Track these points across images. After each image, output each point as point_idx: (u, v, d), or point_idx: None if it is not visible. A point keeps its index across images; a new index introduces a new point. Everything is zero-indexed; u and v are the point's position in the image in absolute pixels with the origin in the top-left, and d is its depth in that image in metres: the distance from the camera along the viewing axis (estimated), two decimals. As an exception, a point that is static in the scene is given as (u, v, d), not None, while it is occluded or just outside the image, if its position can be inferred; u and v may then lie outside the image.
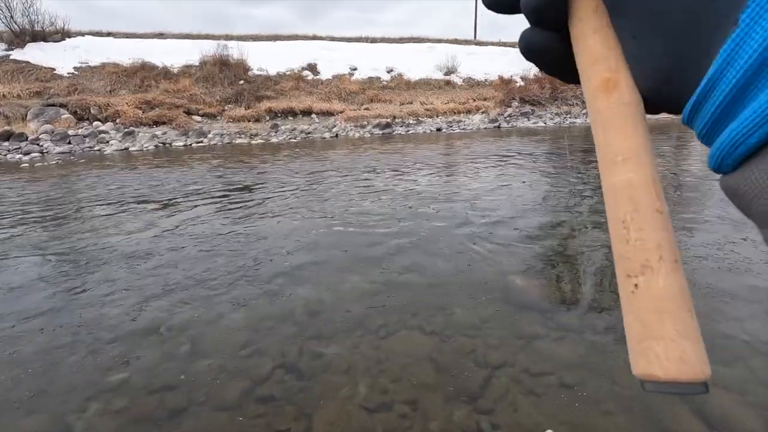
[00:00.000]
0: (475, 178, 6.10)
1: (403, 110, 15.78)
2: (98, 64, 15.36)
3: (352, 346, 2.14)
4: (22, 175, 7.56)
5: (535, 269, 2.97)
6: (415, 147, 10.18)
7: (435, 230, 3.86)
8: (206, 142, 12.09)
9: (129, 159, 9.58)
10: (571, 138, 11.49)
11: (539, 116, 16.57)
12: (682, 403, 1.69)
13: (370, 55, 19.57)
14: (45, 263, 3.39)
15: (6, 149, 10.39)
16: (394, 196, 5.19)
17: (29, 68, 14.42)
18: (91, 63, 15.36)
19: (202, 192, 5.71)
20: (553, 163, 7.46)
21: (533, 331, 2.21)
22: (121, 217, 4.60)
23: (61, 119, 12.20)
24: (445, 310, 2.46)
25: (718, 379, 1.82)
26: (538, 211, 4.40)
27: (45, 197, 5.76)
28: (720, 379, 1.82)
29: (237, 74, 16.17)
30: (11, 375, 2.01)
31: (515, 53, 21.66)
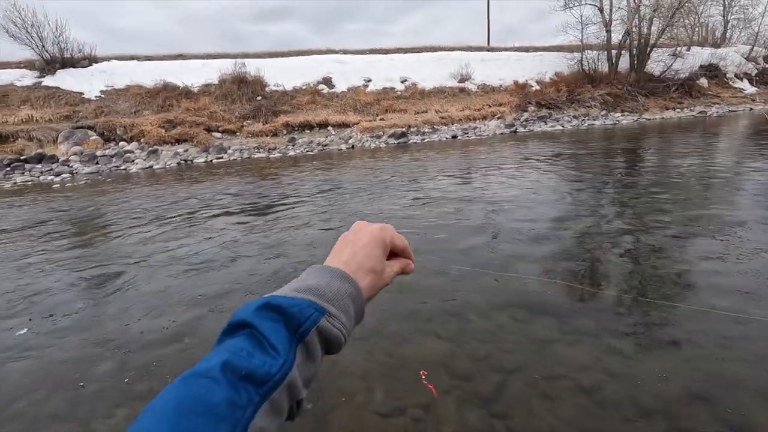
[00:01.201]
0: (490, 182, 6.07)
1: (418, 119, 15.85)
2: (123, 86, 16.01)
3: (367, 352, 2.16)
4: (53, 195, 7.92)
5: (551, 273, 2.94)
6: (429, 155, 10.21)
7: (449, 235, 3.86)
8: (226, 157, 12.40)
9: (153, 177, 9.92)
10: (590, 140, 11.31)
11: (556, 120, 16.38)
12: (704, 408, 1.65)
13: (383, 66, 19.79)
14: (76, 275, 3.54)
15: (39, 171, 10.91)
16: (409, 201, 5.21)
17: (59, 93, 15.14)
18: (116, 86, 16.02)
19: (224, 205, 5.86)
20: (571, 166, 7.36)
21: (548, 334, 2.19)
22: (147, 230, 4.77)
23: (89, 141, 12.74)
24: (459, 315, 2.46)
25: (747, 383, 1.77)
26: (555, 214, 4.35)
27: (73, 215, 6.02)
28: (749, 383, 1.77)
29: (254, 91, 16.58)
30: (43, 382, 2.11)
31: (530, 58, 21.55)
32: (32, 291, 3.29)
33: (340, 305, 0.44)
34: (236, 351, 0.37)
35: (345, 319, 0.44)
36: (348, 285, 0.47)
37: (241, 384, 0.35)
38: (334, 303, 0.44)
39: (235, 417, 0.33)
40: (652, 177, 6.00)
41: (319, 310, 0.42)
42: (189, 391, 0.33)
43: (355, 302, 0.47)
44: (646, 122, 16.12)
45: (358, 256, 0.51)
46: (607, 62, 19.52)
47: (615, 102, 17.91)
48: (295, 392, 0.39)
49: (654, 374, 1.82)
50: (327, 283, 0.45)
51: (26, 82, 15.60)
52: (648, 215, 4.08)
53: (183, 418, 0.31)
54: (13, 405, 1.96)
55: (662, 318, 2.29)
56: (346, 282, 0.47)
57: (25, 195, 8.26)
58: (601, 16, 19.18)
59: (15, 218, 6.02)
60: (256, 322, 0.40)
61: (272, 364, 0.37)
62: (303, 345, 0.40)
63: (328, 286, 0.45)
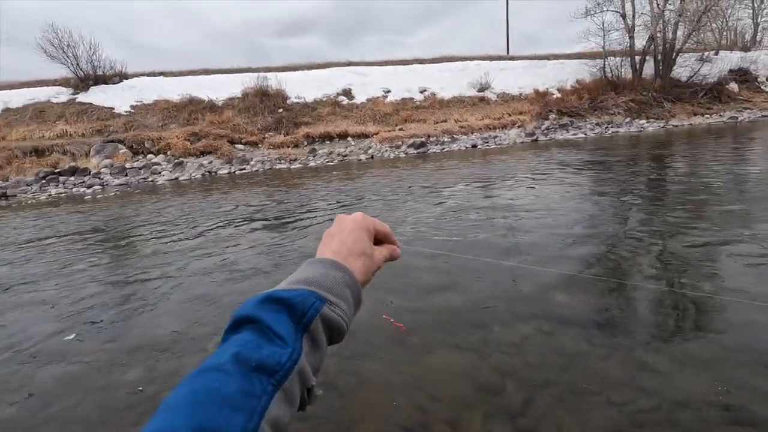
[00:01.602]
0: (513, 190, 5.99)
1: (438, 129, 15.85)
2: (151, 101, 16.61)
3: (390, 364, 2.14)
4: (85, 207, 8.23)
5: (578, 284, 2.86)
6: (450, 164, 10.17)
7: (472, 245, 3.82)
8: (249, 169, 12.66)
9: (179, 188, 10.20)
10: (614, 147, 11.06)
11: (578, 127, 16.11)
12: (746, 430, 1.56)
13: (402, 76, 19.93)
14: (117, 283, 3.65)
15: (72, 183, 11.37)
16: (430, 212, 5.19)
17: (92, 109, 15.82)
18: (145, 101, 16.63)
19: (251, 214, 5.96)
20: (596, 173, 7.21)
21: (577, 348, 2.12)
22: (180, 240, 4.88)
23: (119, 154, 13.22)
24: (483, 326, 2.41)
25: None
26: (581, 223, 4.25)
27: (108, 225, 6.23)
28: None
29: (276, 103, 16.94)
30: (72, 389, 2.16)
31: (550, 66, 21.34)
32: (79, 297, 3.40)
33: (339, 293, 0.46)
34: (244, 344, 0.38)
35: (345, 306, 0.46)
36: (342, 273, 0.48)
37: (253, 374, 0.36)
38: (333, 292, 0.45)
39: (251, 406, 0.34)
40: (681, 183, 5.81)
41: (321, 299, 0.43)
42: (202, 384, 0.34)
43: (352, 289, 0.48)
44: (673, 129, 15.68)
45: (347, 243, 0.53)
46: (630, 69, 19.15)
47: (640, 109, 17.51)
48: (305, 380, 0.40)
49: (692, 393, 1.74)
50: (323, 273, 0.47)
51: (62, 99, 16.36)
52: (679, 223, 3.95)
53: (199, 409, 0.32)
54: (47, 409, 2.02)
55: (698, 333, 2.20)
56: (340, 271, 0.48)
57: (60, 206, 8.60)
58: (624, 23, 18.88)
59: (54, 229, 6.27)
60: (260, 315, 0.40)
61: (281, 354, 0.38)
62: (308, 334, 0.41)
63: (325, 276, 0.46)
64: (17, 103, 15.90)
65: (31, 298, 3.50)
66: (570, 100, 17.81)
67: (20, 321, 3.06)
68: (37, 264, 4.46)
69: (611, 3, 18.90)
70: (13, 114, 15.33)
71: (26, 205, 9.34)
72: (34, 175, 11.66)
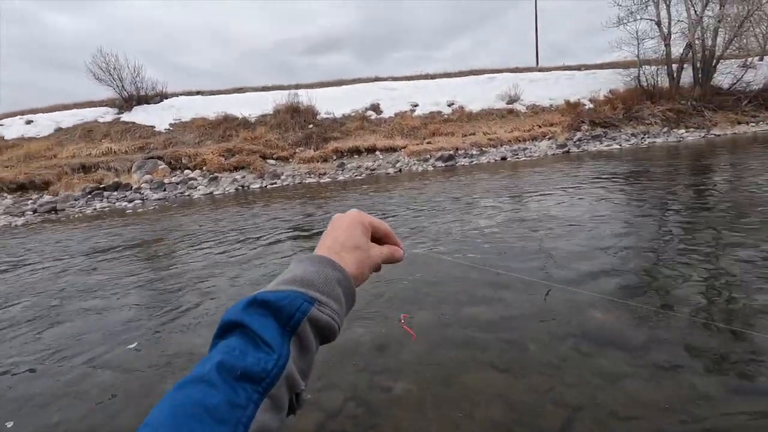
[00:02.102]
0: (545, 204, 5.85)
1: (466, 141, 15.77)
2: (189, 119, 17.39)
3: (421, 381, 2.10)
4: (127, 220, 8.64)
5: (617, 302, 2.74)
6: (480, 176, 10.07)
7: (504, 260, 3.74)
8: (279, 183, 12.96)
9: (213, 201, 10.55)
10: (651, 158, 10.66)
11: (613, 138, 15.64)
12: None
13: (430, 90, 20.05)
14: (144, 292, 3.79)
15: (115, 198, 11.97)
16: (460, 224, 5.13)
17: (135, 127, 16.71)
18: (183, 119, 17.43)
19: (289, 226, 6.09)
20: (635, 185, 6.95)
21: (618, 369, 2.02)
22: (223, 251, 5.04)
23: (158, 170, 13.85)
24: (517, 345, 2.34)
25: None
26: (619, 239, 4.09)
27: (150, 237, 6.50)
28: None
29: (306, 119, 17.37)
30: (125, 395, 2.24)
31: (582, 76, 20.94)
32: (138, 306, 3.55)
33: (329, 292, 0.44)
34: (229, 351, 0.37)
35: (335, 305, 0.44)
36: (334, 271, 0.46)
37: (238, 384, 0.35)
38: (323, 291, 0.44)
39: (236, 417, 0.33)
40: (728, 196, 5.51)
41: (308, 300, 0.42)
42: (185, 398, 0.33)
43: (344, 286, 0.46)
44: (715, 138, 14.97)
45: (340, 238, 0.51)
46: (667, 77, 18.52)
47: (678, 118, 16.84)
48: (294, 385, 0.39)
49: (747, 421, 1.62)
50: (313, 271, 0.45)
51: (107, 119, 17.38)
52: (730, 242, 3.73)
53: (181, 424, 0.31)
54: (88, 418, 2.09)
55: (752, 353, 2.05)
56: (331, 268, 0.46)
57: (104, 220, 9.06)
58: (659, 31, 18.34)
59: (104, 241, 6.61)
60: (246, 320, 0.39)
61: (267, 360, 0.37)
62: (296, 337, 0.40)
63: (315, 274, 0.45)
64: (68, 123, 17.01)
65: (94, 305, 3.67)
66: (603, 110, 17.36)
67: (87, 328, 3.21)
68: (95, 274, 4.69)
69: (645, 11, 18.44)
70: (64, 133, 16.39)
71: (74, 218, 9.89)
72: (81, 190, 12.36)
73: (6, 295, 4.26)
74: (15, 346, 3.01)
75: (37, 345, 3.00)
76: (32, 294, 4.19)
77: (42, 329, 3.27)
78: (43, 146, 15.20)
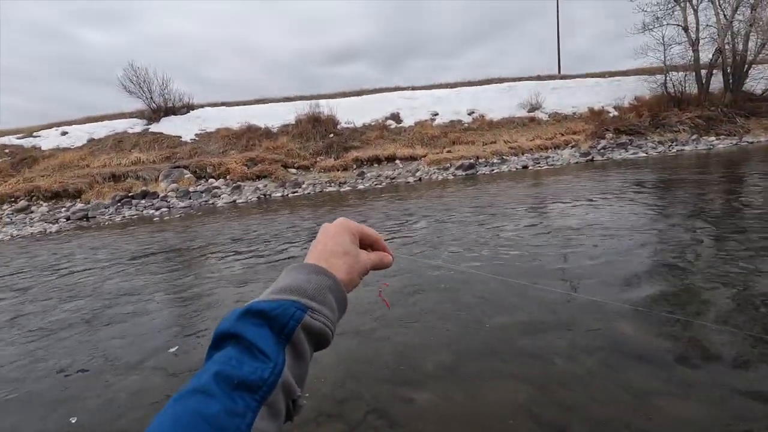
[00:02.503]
0: (568, 213, 5.74)
1: (487, 150, 15.66)
2: (214, 129, 17.87)
3: (444, 394, 2.08)
4: (154, 227, 8.89)
5: (647, 314, 2.65)
6: (500, 185, 9.97)
7: (528, 269, 3.67)
8: (300, 191, 13.14)
9: (236, 209, 10.76)
10: (680, 166, 10.34)
11: (639, 146, 15.26)
12: None
13: (450, 99, 20.05)
14: (171, 299, 3.88)
15: (143, 206, 12.36)
16: (481, 233, 5.07)
17: (162, 138, 17.28)
18: (208, 129, 17.93)
19: (287, 236, 6.16)
20: (662, 195, 6.75)
21: (649, 385, 1.95)
22: (242, 257, 5.13)
23: (184, 178, 14.25)
24: (542, 357, 2.29)
25: None
26: (646, 250, 3.97)
27: (174, 244, 6.67)
28: None
29: (327, 128, 17.61)
30: (152, 399, 2.29)
31: (605, 83, 20.59)
32: (176, 310, 3.65)
33: (321, 299, 0.45)
34: (226, 361, 0.38)
35: (328, 312, 0.45)
36: (325, 278, 0.47)
37: (236, 393, 0.35)
38: (315, 298, 0.44)
39: (235, 425, 0.33)
40: (762, 206, 5.29)
41: (301, 308, 0.42)
42: (185, 408, 0.33)
43: (335, 293, 0.47)
44: (749, 146, 14.43)
45: (328, 245, 0.52)
46: (695, 83, 18.01)
47: (708, 125, 16.32)
48: (290, 392, 0.39)
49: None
50: (304, 279, 0.46)
51: (137, 129, 18.02)
52: (762, 250, 3.57)
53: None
54: (119, 421, 2.15)
55: (794, 374, 1.95)
56: (322, 275, 0.47)
57: (134, 227, 9.35)
58: (687, 36, 17.90)
59: (138, 247, 6.82)
60: (241, 330, 0.40)
61: (264, 369, 0.38)
62: (291, 345, 0.41)
63: (306, 282, 0.46)
64: (100, 134, 17.72)
65: (134, 310, 3.78)
66: (628, 117, 17.00)
67: (128, 334, 3.31)
68: (132, 279, 4.84)
69: (671, 17, 18.05)
70: (96, 144, 17.07)
71: (104, 226, 10.24)
72: (111, 198, 12.81)
73: (54, 298, 4.43)
74: (68, 347, 3.12)
75: (86, 347, 3.10)
76: (77, 297, 4.34)
77: (89, 331, 3.38)
78: (76, 156, 15.86)
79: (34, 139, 17.64)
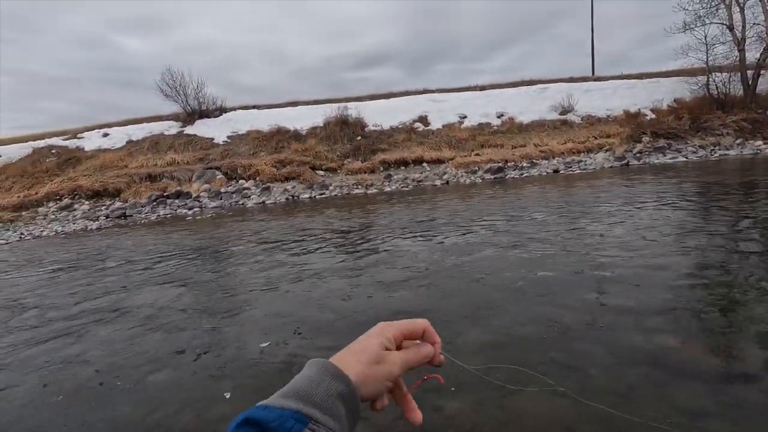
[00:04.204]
0: (602, 221, 5.53)
1: (516, 153, 15.36)
2: (245, 132, 18.29)
3: (475, 402, 2.02)
4: (187, 226, 9.16)
5: (693, 327, 2.50)
6: (529, 190, 9.74)
7: (562, 276, 3.55)
8: (328, 193, 13.25)
9: (265, 210, 10.96)
10: (723, 172, 9.81)
11: (678, 150, 14.60)
12: None
13: (479, 102, 19.80)
14: (199, 292, 3.98)
15: (177, 205, 12.77)
16: (511, 240, 4.96)
17: (196, 140, 17.82)
18: (239, 132, 18.37)
19: (317, 237, 6.20)
20: (705, 203, 6.42)
21: (698, 405, 1.82)
22: (262, 257, 5.21)
23: (216, 179, 14.64)
24: (578, 369, 2.19)
25: None
26: (694, 255, 3.76)
27: (208, 243, 6.85)
28: None
29: (355, 131, 17.71)
30: (184, 396, 2.34)
31: (642, 85, 19.83)
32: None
33: (328, 408, 0.43)
34: None
35: (333, 423, 0.42)
36: (339, 384, 0.45)
37: None
38: (321, 407, 0.42)
39: None
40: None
41: (301, 419, 0.41)
42: None
43: (347, 401, 0.45)
44: (800, 150, 13.55)
45: (353, 348, 0.50)
46: (740, 84, 17.09)
47: (754, 128, 15.44)
48: None
49: None
50: (316, 382, 0.44)
51: (172, 132, 18.67)
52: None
53: None
54: (151, 416, 2.19)
55: None
56: (337, 380, 0.45)
57: (169, 226, 9.67)
58: (731, 35, 17.03)
59: (178, 245, 7.05)
60: None
61: None
62: None
63: (318, 386, 0.44)
64: (138, 136, 18.45)
65: (184, 305, 3.90)
66: (667, 120, 16.29)
67: (185, 326, 3.41)
68: (173, 273, 5.00)
69: (715, 15, 17.21)
70: (135, 146, 17.78)
71: (141, 224, 10.64)
72: (147, 198, 13.29)
73: (113, 290, 4.63)
74: (157, 339, 3.24)
75: (165, 339, 3.21)
76: (129, 290, 4.52)
77: (152, 327, 3.51)
78: (116, 157, 16.57)
79: (78, 140, 18.55)
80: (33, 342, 3.34)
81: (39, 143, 18.18)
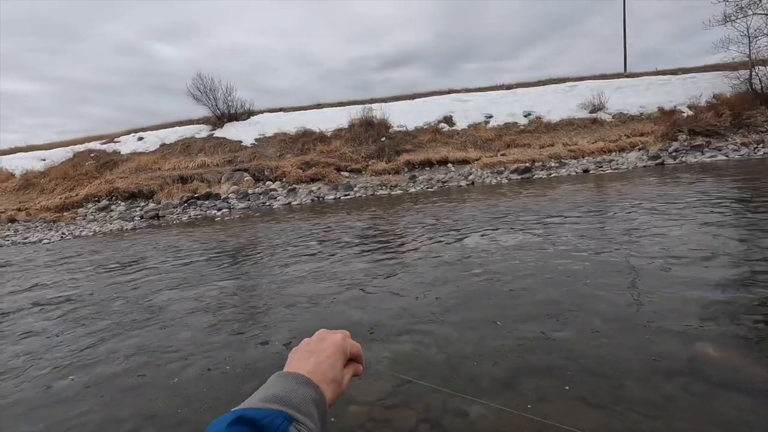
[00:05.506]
0: (636, 223, 5.32)
1: (543, 153, 15.01)
2: (271, 134, 18.64)
3: (500, 409, 1.96)
4: (216, 226, 9.40)
5: (735, 335, 2.37)
6: (557, 191, 9.48)
7: (593, 282, 3.43)
8: (353, 194, 13.32)
9: (291, 211, 11.13)
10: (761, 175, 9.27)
11: (717, 149, 13.90)
12: None
13: (505, 101, 19.47)
14: (225, 292, 4.06)
15: (206, 206, 13.14)
16: (539, 243, 4.84)
17: (225, 143, 18.29)
18: (266, 134, 18.73)
19: (345, 239, 6.23)
20: (748, 205, 6.08)
21: (742, 418, 1.72)
22: (290, 259, 5.29)
23: (243, 181, 14.98)
24: (611, 379, 2.10)
25: None
26: (734, 258, 3.57)
27: (239, 243, 7.01)
28: None
29: (380, 132, 17.74)
30: (216, 393, 2.39)
31: (678, 81, 19.03)
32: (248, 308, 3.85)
33: (306, 411, 0.47)
34: None
35: (311, 424, 0.46)
36: (312, 391, 0.50)
37: None
38: (300, 409, 0.46)
39: None
40: None
41: (288, 418, 0.44)
42: None
43: (319, 408, 0.49)
44: None
45: (322, 367, 0.55)
46: (787, 78, 16.14)
47: (802, 125, 14.54)
48: None
49: None
50: (293, 389, 0.48)
51: (203, 134, 19.22)
52: None
53: None
54: (181, 411, 2.25)
55: None
56: (310, 388, 0.50)
57: (202, 226, 9.95)
58: (777, 26, 16.11)
59: (207, 244, 7.26)
60: None
61: None
62: None
63: (295, 392, 0.48)
64: (170, 139, 19.09)
65: (205, 306, 4.02)
66: (705, 117, 15.54)
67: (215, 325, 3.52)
68: (206, 272, 5.16)
69: (759, 5, 16.31)
70: (167, 148, 18.41)
71: (173, 224, 10.99)
72: (179, 199, 13.73)
73: (147, 288, 4.81)
74: (188, 336, 3.37)
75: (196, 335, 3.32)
76: (159, 290, 4.68)
77: (188, 323, 3.63)
78: (150, 160, 17.21)
79: (115, 144, 19.37)
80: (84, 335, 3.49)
81: (79, 147, 19.10)
